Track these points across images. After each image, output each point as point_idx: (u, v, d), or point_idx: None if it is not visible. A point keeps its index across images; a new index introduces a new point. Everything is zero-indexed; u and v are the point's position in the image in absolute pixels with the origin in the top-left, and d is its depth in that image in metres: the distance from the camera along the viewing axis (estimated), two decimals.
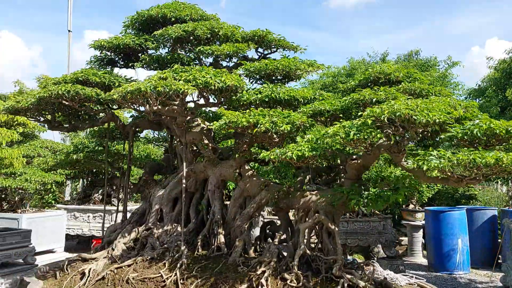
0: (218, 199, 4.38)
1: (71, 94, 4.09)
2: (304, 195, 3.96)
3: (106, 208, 10.60)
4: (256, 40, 4.63)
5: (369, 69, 4.14)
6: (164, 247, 4.33)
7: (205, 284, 3.72)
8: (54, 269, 4.86)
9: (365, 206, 3.41)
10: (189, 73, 3.77)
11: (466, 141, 3.10)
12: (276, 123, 3.36)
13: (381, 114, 2.83)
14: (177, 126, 4.28)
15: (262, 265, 3.65)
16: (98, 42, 4.69)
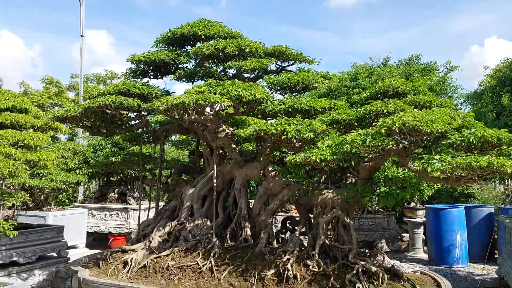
0: (244, 197, 4.94)
1: (115, 104, 4.65)
2: (322, 193, 4.52)
3: (123, 206, 11.17)
4: (276, 54, 5.19)
5: (379, 82, 4.69)
6: (196, 239, 4.89)
7: (237, 270, 4.28)
8: (94, 260, 5.42)
9: (377, 203, 3.97)
10: (223, 87, 4.32)
11: (464, 147, 3.66)
12: (300, 131, 3.92)
13: (392, 124, 3.39)
14: (208, 132, 4.84)
15: (286, 253, 4.21)
16: (136, 57, 5.24)
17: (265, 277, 4.06)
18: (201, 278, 4.28)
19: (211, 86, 4.44)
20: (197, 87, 4.42)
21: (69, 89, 31.45)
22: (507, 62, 6.56)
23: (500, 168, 3.27)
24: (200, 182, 5.23)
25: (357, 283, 3.81)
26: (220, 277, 4.22)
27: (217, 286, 4.11)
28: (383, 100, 4.14)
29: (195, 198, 5.20)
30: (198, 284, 4.18)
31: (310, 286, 3.93)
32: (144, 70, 5.70)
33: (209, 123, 4.67)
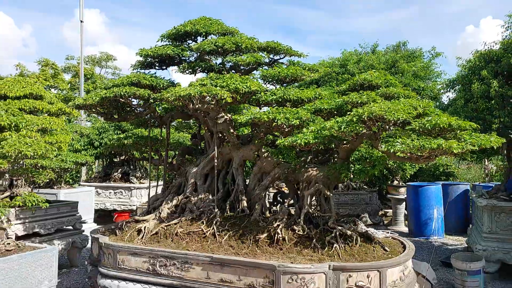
0: (241, 175, 5.72)
1: (129, 94, 5.37)
2: (307, 170, 5.31)
3: (127, 185, 11.92)
4: (269, 49, 5.90)
5: (356, 77, 5.43)
6: (200, 210, 5.67)
7: (236, 235, 5.09)
8: (109, 230, 6.20)
9: (352, 179, 4.77)
10: (223, 80, 5.05)
11: (423, 132, 4.44)
12: (288, 119, 4.67)
13: (362, 113, 4.15)
14: (210, 119, 5.58)
15: (276, 221, 5.02)
16: (144, 51, 5.92)
17: (259, 239, 4.87)
18: (205, 241, 5.09)
19: (212, 79, 5.16)
20: (200, 80, 5.14)
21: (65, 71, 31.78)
22: (477, 53, 7.29)
23: (449, 149, 4.05)
24: (202, 162, 5.99)
25: (334, 244, 4.64)
26: (221, 240, 5.03)
27: (219, 247, 4.91)
28: (359, 91, 4.89)
29: (198, 175, 5.97)
30: (203, 246, 4.99)
31: (296, 246, 4.74)
32: (150, 62, 6.38)
33: (210, 111, 5.40)
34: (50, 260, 4.92)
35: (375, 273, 4.31)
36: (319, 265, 4.24)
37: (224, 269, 4.52)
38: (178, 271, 4.76)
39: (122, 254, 5.11)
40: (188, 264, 4.72)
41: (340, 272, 4.26)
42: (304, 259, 4.50)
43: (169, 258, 4.83)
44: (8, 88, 7.11)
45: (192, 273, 4.69)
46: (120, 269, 5.10)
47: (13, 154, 4.34)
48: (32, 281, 4.68)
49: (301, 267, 4.20)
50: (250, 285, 4.37)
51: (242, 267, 4.42)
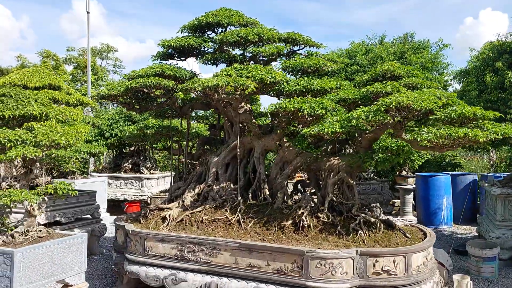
0: (262, 164, 5.83)
1: (154, 84, 5.45)
2: (329, 160, 5.42)
3: (138, 176, 12.03)
4: (289, 40, 5.97)
5: (378, 67, 5.53)
6: (222, 199, 5.79)
7: (260, 222, 5.21)
8: (131, 218, 6.33)
9: (375, 167, 4.88)
10: (248, 70, 5.14)
11: (447, 121, 4.54)
12: (314, 108, 4.77)
13: (390, 103, 4.26)
14: (232, 109, 5.68)
15: (300, 208, 5.14)
16: (167, 42, 6.00)
17: (284, 226, 4.99)
18: (231, 228, 5.21)
19: (237, 69, 5.25)
20: (225, 70, 5.23)
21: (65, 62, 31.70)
22: (490, 45, 7.39)
23: (474, 138, 4.16)
24: (223, 151, 6.10)
25: (359, 230, 4.77)
26: (246, 227, 5.15)
27: (245, 234, 5.04)
28: (382, 81, 4.99)
29: (220, 165, 6.08)
30: (229, 233, 5.11)
31: (321, 233, 4.87)
32: (171, 53, 6.45)
33: (234, 101, 5.49)
34: (80, 246, 5.03)
35: (400, 258, 4.44)
36: (347, 250, 4.37)
37: (252, 255, 4.64)
38: (206, 256, 4.89)
39: (149, 240, 5.24)
40: (216, 250, 4.84)
41: (367, 257, 4.39)
42: (330, 245, 4.63)
43: (197, 244, 4.95)
44: (28, 78, 7.19)
45: (220, 258, 4.81)
46: (147, 255, 5.23)
47: (47, 143, 4.44)
48: (64, 266, 4.80)
49: (329, 253, 4.33)
50: (279, 270, 4.50)
51: (270, 253, 4.55)
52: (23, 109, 4.63)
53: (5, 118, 4.60)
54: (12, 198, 4.27)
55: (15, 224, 4.86)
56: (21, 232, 4.72)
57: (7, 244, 4.55)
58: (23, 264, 4.31)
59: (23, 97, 4.80)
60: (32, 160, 4.72)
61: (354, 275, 4.36)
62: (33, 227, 4.84)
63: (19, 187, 4.99)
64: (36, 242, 4.67)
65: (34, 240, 4.70)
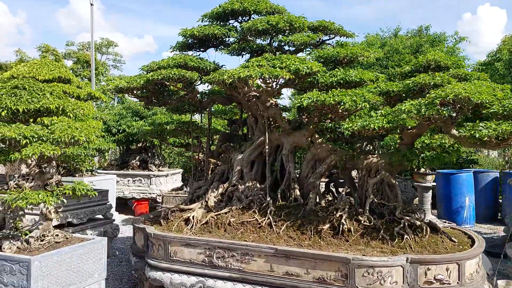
0: (292, 162, 5.43)
1: (177, 76, 5.04)
2: (367, 157, 5.03)
3: (146, 173, 11.64)
4: (320, 29, 5.56)
5: (420, 57, 5.12)
6: (249, 199, 5.40)
7: (294, 225, 4.82)
8: (148, 220, 5.93)
9: (421, 165, 4.49)
10: (281, 60, 4.73)
11: (502, 116, 4.15)
12: (356, 101, 4.37)
13: (445, 95, 3.86)
14: (261, 103, 5.27)
15: (338, 210, 4.75)
16: (189, 31, 5.57)
17: (321, 230, 4.61)
18: (262, 232, 4.82)
19: (268, 59, 4.84)
20: (256, 61, 4.81)
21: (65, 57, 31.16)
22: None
23: None
24: (248, 148, 5.70)
25: (404, 235, 4.38)
26: (279, 231, 4.76)
27: (278, 238, 4.65)
28: (424, 73, 4.59)
29: (245, 162, 5.68)
30: (260, 237, 4.72)
31: (363, 237, 4.49)
32: (191, 44, 6.04)
33: (264, 94, 5.09)
34: (100, 251, 4.64)
35: (454, 265, 4.06)
36: (397, 257, 3.98)
37: (290, 262, 4.26)
38: (237, 263, 4.50)
39: (174, 245, 4.84)
40: (249, 256, 4.45)
41: (417, 265, 4.01)
42: (375, 251, 4.24)
43: (227, 250, 4.56)
44: (37, 71, 6.77)
45: (253, 265, 4.42)
46: (172, 261, 4.84)
47: (66, 139, 4.04)
48: (83, 274, 4.41)
49: (378, 260, 3.95)
50: (320, 278, 4.11)
51: (310, 260, 4.16)
52: (38, 103, 4.22)
53: (19, 113, 4.19)
54: (28, 201, 3.87)
55: (29, 228, 4.46)
56: (37, 237, 4.33)
57: (22, 250, 4.15)
58: (41, 273, 3.92)
59: (38, 90, 4.39)
60: (48, 159, 4.31)
61: (404, 284, 3.97)
62: (49, 231, 4.45)
63: (34, 187, 4.59)
64: (53, 248, 4.28)
65: (51, 246, 4.31)
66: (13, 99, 4.17)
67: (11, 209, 4.56)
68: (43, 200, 3.97)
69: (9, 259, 3.95)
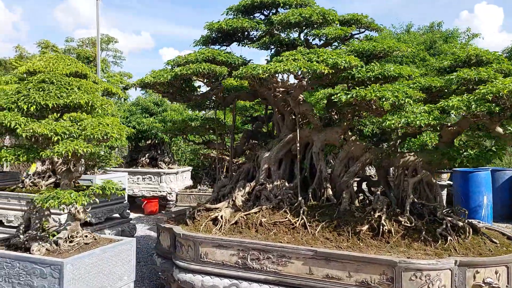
0: (323, 160, 5.25)
1: (206, 71, 4.85)
2: (403, 156, 4.86)
3: (156, 171, 11.43)
4: (352, 22, 5.38)
5: (459, 52, 4.95)
6: (278, 199, 5.22)
7: (329, 226, 4.65)
8: (171, 219, 5.75)
9: (464, 164, 4.33)
10: (316, 54, 4.54)
11: None
12: (398, 97, 4.19)
13: (497, 91, 3.69)
14: (293, 99, 5.09)
15: (376, 211, 4.58)
16: (216, 24, 5.37)
17: (360, 231, 4.44)
18: (296, 233, 4.65)
19: (303, 53, 4.65)
20: (290, 55, 4.63)
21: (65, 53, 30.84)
22: None
23: None
24: (276, 146, 5.51)
25: (448, 236, 4.21)
26: (314, 232, 4.59)
27: (314, 239, 4.48)
28: (470, 67, 4.42)
29: (272, 161, 5.50)
30: (295, 238, 4.55)
31: (403, 239, 4.32)
32: (215, 38, 5.85)
33: (295, 90, 4.91)
34: (129, 253, 4.46)
35: (503, 268, 3.90)
36: (445, 260, 3.81)
37: (330, 264, 4.08)
38: (273, 265, 4.32)
39: (205, 246, 4.67)
40: (286, 258, 4.28)
41: (466, 268, 3.84)
42: (418, 253, 4.07)
43: (262, 251, 4.39)
44: (53, 65, 6.54)
45: (290, 268, 4.25)
46: (203, 262, 4.66)
47: (99, 136, 3.85)
48: (113, 277, 4.23)
49: (426, 263, 3.78)
50: (363, 282, 3.94)
51: (353, 262, 3.99)
52: (68, 98, 4.02)
53: (48, 108, 3.99)
54: (61, 201, 3.68)
55: (57, 229, 4.27)
56: (65, 238, 4.14)
57: (51, 252, 3.96)
58: (73, 276, 3.73)
59: (66, 84, 4.19)
60: (77, 156, 4.12)
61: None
62: (77, 232, 4.27)
63: (61, 186, 4.40)
64: (83, 249, 4.09)
65: (81, 248, 4.13)
66: (41, 94, 3.97)
67: (37, 209, 4.38)
68: (75, 200, 3.79)
69: (40, 262, 3.76)
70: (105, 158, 4.97)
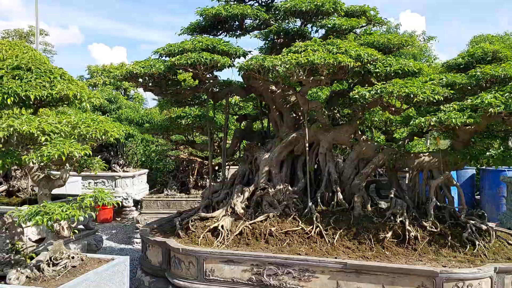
0: (332, 161, 4.85)
1: (210, 61, 4.26)
2: (418, 156, 4.60)
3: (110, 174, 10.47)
4: (357, 14, 5.04)
5: (471, 48, 4.79)
6: (283, 204, 4.74)
7: (348, 233, 4.26)
8: (156, 229, 5.06)
9: (487, 164, 4.14)
10: (336, 46, 4.13)
11: None
12: (425, 93, 3.89)
13: None
14: (302, 95, 4.64)
15: (397, 216, 4.26)
16: (209, 10, 4.76)
17: (384, 239, 4.09)
18: (313, 242, 4.20)
19: (319, 45, 4.22)
20: (305, 46, 4.18)
21: None
22: None
23: None
24: (278, 146, 5.03)
25: (475, 241, 3.99)
26: (332, 241, 4.18)
27: (334, 249, 4.06)
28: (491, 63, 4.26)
29: (274, 162, 5.01)
30: (313, 249, 4.10)
31: (430, 245, 4.03)
32: (204, 26, 5.24)
33: (308, 84, 4.47)
34: (122, 274, 3.75)
35: None
36: (487, 268, 3.57)
37: (361, 278, 3.68)
38: (295, 281, 3.84)
39: (210, 262, 4.07)
40: (309, 272, 3.81)
41: (504, 274, 3.63)
42: (452, 261, 3.80)
43: (281, 266, 3.89)
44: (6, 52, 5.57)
45: (315, 283, 3.79)
46: (208, 280, 4.06)
47: (98, 135, 3.14)
48: None
49: (469, 272, 3.50)
50: None
51: (387, 274, 3.62)
52: (53, 88, 3.24)
53: (28, 101, 3.19)
54: (53, 216, 2.93)
55: (35, 250, 3.48)
56: (48, 262, 3.36)
57: (33, 281, 3.18)
58: None
59: (47, 72, 3.40)
60: (61, 161, 3.35)
61: None
62: (61, 252, 3.49)
63: (39, 198, 3.59)
64: (72, 275, 3.35)
65: (69, 273, 3.37)
66: (19, 83, 3.16)
67: (6, 226, 3.55)
68: (69, 215, 3.05)
69: None
70: (89, 163, 4.19)
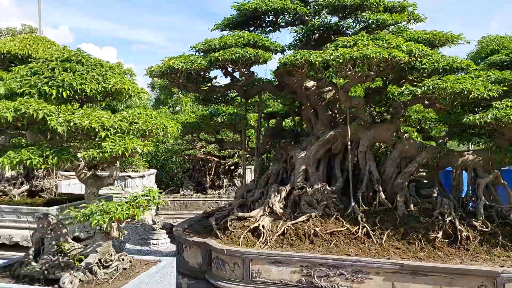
0: (372, 160, 4.75)
1: (254, 56, 4.14)
2: (462, 155, 4.51)
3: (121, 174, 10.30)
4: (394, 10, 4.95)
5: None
6: (323, 204, 4.63)
7: (396, 234, 4.15)
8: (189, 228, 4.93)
9: None
10: (385, 41, 4.03)
11: None
12: (479, 90, 3.81)
13: None
14: (345, 91, 4.53)
15: (445, 215, 4.17)
16: (252, 4, 4.64)
17: (434, 239, 3.99)
18: (361, 243, 4.10)
19: (368, 39, 4.12)
20: (352, 40, 4.07)
21: None
22: None
23: None
24: (315, 144, 4.92)
25: None
26: (380, 241, 4.07)
27: (383, 250, 3.96)
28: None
29: (311, 161, 4.90)
30: (362, 249, 3.99)
31: (481, 245, 3.95)
32: (239, 21, 5.12)
33: (353, 80, 4.37)
34: (170, 275, 3.61)
35: None
36: None
37: (417, 279, 3.58)
38: (347, 282, 3.73)
39: (257, 263, 3.95)
40: (363, 273, 3.71)
41: None
42: (506, 260, 3.71)
43: (332, 267, 3.77)
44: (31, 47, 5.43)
45: (369, 284, 3.69)
46: (255, 282, 3.94)
47: (159, 131, 3.01)
48: None
49: None
50: None
51: (445, 275, 3.53)
52: (108, 82, 3.09)
53: (81, 94, 3.03)
54: (114, 216, 2.79)
55: (83, 252, 3.33)
56: (98, 264, 3.21)
57: (86, 284, 3.03)
58: None
59: (98, 65, 3.25)
60: (113, 158, 3.20)
61: None
62: (110, 253, 3.34)
63: (87, 197, 3.44)
64: (124, 277, 3.20)
65: (121, 275, 3.22)
66: (73, 76, 3.01)
67: (52, 227, 3.39)
68: (130, 214, 2.91)
69: None
70: (128, 160, 4.05)
